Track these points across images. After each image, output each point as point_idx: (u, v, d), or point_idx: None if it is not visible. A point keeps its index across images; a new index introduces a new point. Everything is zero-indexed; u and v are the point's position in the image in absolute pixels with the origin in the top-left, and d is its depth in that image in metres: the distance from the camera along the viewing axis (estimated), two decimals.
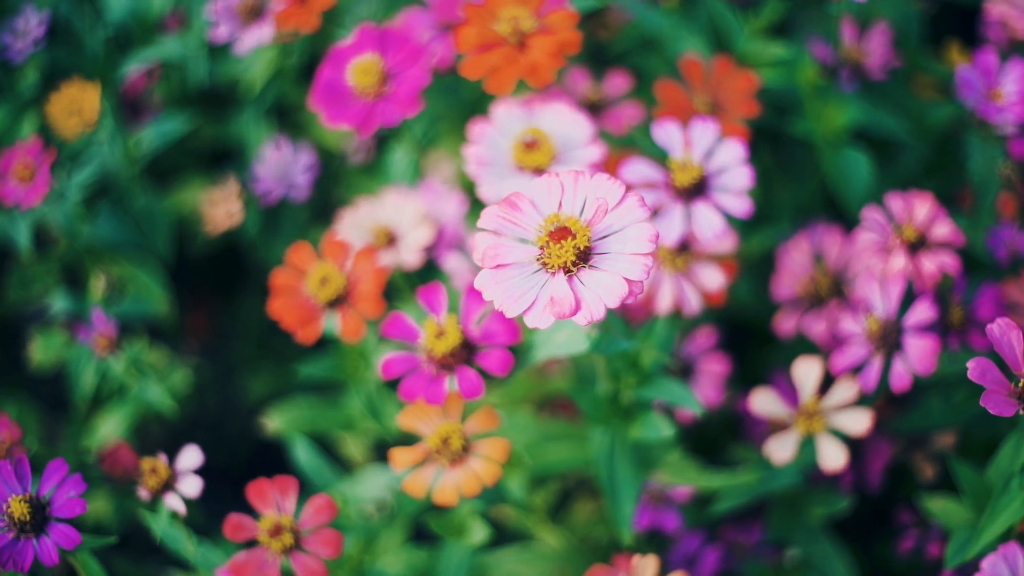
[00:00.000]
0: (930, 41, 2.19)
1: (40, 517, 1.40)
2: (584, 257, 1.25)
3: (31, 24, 2.10)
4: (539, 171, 1.60)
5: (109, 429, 1.98)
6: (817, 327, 1.80)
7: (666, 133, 1.63)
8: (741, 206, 1.59)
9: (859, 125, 1.93)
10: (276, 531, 1.48)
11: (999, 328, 1.34)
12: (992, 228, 1.83)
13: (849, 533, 1.94)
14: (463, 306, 1.55)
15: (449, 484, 1.52)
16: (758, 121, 1.98)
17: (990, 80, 1.77)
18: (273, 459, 2.11)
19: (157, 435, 2.22)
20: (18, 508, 1.38)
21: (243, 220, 2.17)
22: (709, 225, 1.58)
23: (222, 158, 2.34)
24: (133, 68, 2.12)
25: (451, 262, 1.77)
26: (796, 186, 2.12)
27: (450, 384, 1.52)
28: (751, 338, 2.06)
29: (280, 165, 2.11)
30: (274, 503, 1.51)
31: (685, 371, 1.84)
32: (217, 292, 2.44)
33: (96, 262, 2.07)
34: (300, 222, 2.23)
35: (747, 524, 1.89)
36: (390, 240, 1.77)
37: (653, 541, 1.89)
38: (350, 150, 2.23)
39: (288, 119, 2.27)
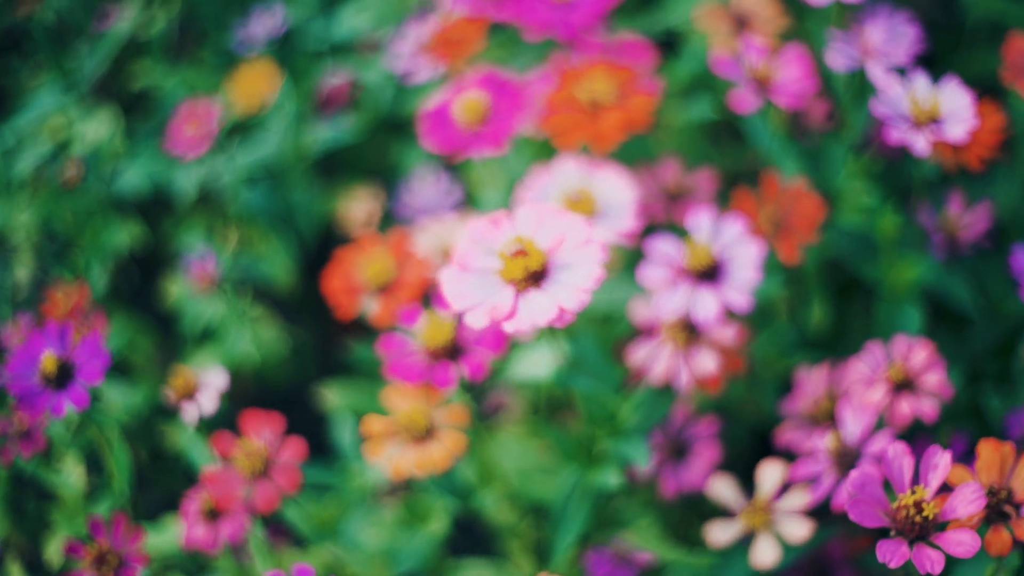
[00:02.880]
0: None
1: (65, 376, 1.66)
2: (536, 279, 1.44)
3: (267, 22, 2.44)
4: None
5: (202, 362, 2.26)
6: (805, 444, 1.89)
7: (696, 220, 1.78)
8: (742, 302, 1.73)
9: (928, 287, 2.02)
10: (251, 455, 1.71)
11: (893, 451, 1.43)
12: (1018, 408, 1.89)
13: None
14: None
15: (406, 458, 1.71)
16: (838, 257, 2.10)
17: None
18: None
19: (251, 392, 2.47)
20: (49, 362, 1.66)
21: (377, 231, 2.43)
22: (704, 309, 1.73)
23: (386, 173, 2.61)
24: (327, 75, 2.43)
25: None
26: (858, 322, 2.21)
27: (430, 374, 1.71)
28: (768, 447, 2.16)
29: (431, 195, 2.35)
30: (262, 433, 1.74)
31: (681, 450, 1.97)
32: None
33: (240, 223, 2.37)
34: None
35: None
36: (449, 256, 1.99)
37: None
38: None
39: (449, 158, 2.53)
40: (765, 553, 1.74)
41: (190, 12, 2.67)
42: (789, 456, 1.95)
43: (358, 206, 2.45)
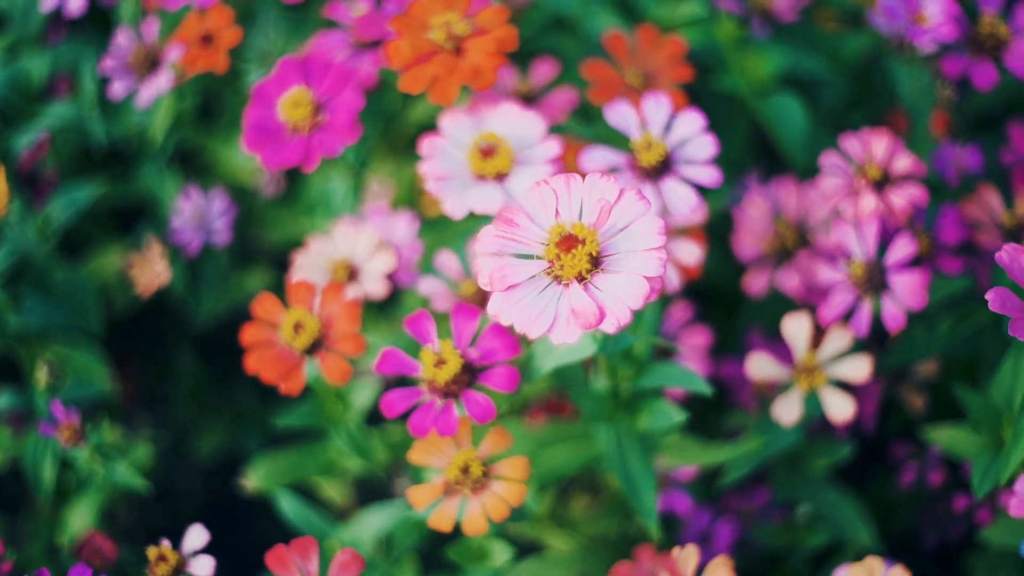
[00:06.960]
0: None
1: None
2: (595, 262, 1.22)
3: None
4: (500, 177, 1.54)
5: (80, 521, 1.88)
6: (791, 281, 1.78)
7: (620, 115, 1.58)
8: (711, 176, 1.55)
9: (783, 70, 1.92)
10: None
11: (1008, 255, 1.33)
12: (936, 150, 1.84)
13: (846, 478, 1.94)
14: (453, 329, 1.48)
15: (476, 512, 1.46)
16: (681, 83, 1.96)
17: (911, 5, 1.77)
18: (242, 515, 2.06)
19: (124, 514, 2.11)
20: None
21: (172, 277, 2.07)
22: (683, 200, 1.54)
23: (134, 216, 2.24)
24: (27, 142, 2.00)
25: (426, 284, 1.71)
26: (723, 142, 2.09)
27: (459, 411, 1.45)
28: (716, 305, 2.04)
29: (195, 214, 2.02)
30: (296, 568, 1.44)
31: (668, 350, 1.81)
32: (145, 353, 2.33)
33: (29, 349, 1.95)
34: (222, 267, 2.15)
35: (749, 490, 1.87)
36: (351, 273, 1.70)
37: (664, 525, 1.86)
38: (261, 184, 2.15)
39: (193, 164, 2.18)
40: (840, 406, 1.63)
41: None
42: (772, 303, 1.85)
43: (140, 270, 2.08)
